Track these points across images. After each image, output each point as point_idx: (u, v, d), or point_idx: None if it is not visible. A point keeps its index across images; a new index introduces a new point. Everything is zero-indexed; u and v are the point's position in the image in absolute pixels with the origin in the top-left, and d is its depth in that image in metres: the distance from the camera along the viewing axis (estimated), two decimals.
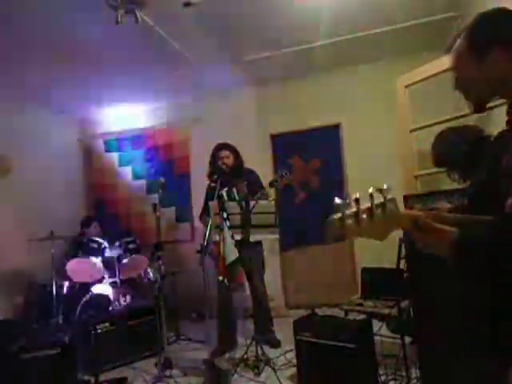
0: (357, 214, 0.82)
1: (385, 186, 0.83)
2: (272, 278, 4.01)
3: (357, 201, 0.82)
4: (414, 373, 2.37)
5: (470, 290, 1.91)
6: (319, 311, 2.80)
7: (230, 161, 3.43)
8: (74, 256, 3.93)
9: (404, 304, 2.53)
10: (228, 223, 2.81)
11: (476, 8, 3.03)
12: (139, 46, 3.56)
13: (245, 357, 2.98)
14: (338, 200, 0.83)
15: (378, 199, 0.83)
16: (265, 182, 3.62)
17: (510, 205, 0.89)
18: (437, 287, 2.04)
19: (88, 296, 3.60)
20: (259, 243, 3.41)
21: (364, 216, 0.82)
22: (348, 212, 0.82)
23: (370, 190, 0.82)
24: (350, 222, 0.82)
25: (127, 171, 5.30)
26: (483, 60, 0.97)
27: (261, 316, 3.29)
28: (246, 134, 4.60)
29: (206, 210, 3.43)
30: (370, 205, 0.82)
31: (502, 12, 1.00)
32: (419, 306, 2.19)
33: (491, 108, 2.67)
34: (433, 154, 2.05)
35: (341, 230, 0.83)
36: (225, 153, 3.44)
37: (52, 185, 4.76)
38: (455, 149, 1.90)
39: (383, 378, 2.48)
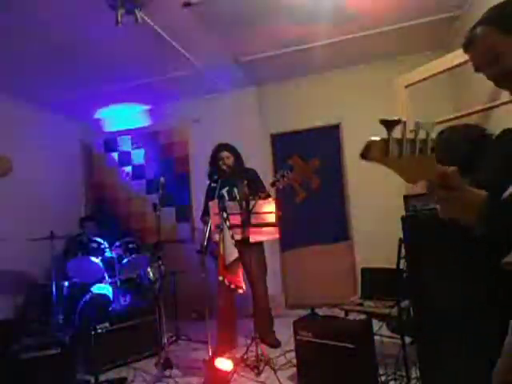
0: (401, 142, 0.74)
1: (430, 121, 0.76)
2: (272, 278, 4.01)
3: (404, 125, 0.74)
4: (414, 373, 2.37)
5: (469, 290, 1.91)
6: (319, 311, 2.79)
7: (230, 161, 3.43)
8: (74, 256, 3.93)
9: (404, 304, 2.53)
10: (228, 223, 2.81)
11: (476, 8, 3.03)
12: (139, 46, 3.56)
13: (245, 357, 2.98)
14: (394, 118, 0.75)
15: (422, 135, 0.75)
16: (265, 182, 3.63)
17: None
18: (437, 287, 2.04)
19: (88, 296, 3.60)
20: (260, 243, 3.41)
21: (407, 147, 0.74)
22: (394, 136, 0.74)
23: (417, 120, 0.75)
24: (393, 147, 0.74)
25: (127, 171, 5.30)
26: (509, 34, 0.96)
27: (261, 316, 3.29)
28: (246, 133, 4.59)
29: (206, 210, 3.43)
30: (413, 137, 0.74)
31: None
32: (419, 305, 2.19)
33: (491, 108, 2.68)
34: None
35: (381, 154, 0.75)
36: (225, 153, 3.44)
37: (52, 185, 4.76)
38: (456, 147, 1.89)
39: (383, 378, 2.48)
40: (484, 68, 1.05)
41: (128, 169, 5.29)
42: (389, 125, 0.73)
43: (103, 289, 3.72)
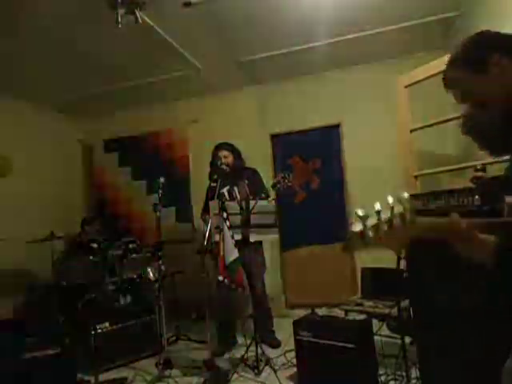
0: (377, 226, 0.81)
1: (405, 195, 0.82)
2: (272, 278, 4.02)
3: (378, 213, 0.81)
4: (414, 373, 2.37)
5: (469, 290, 1.91)
6: (319, 311, 2.79)
7: (229, 160, 3.43)
8: (74, 256, 3.93)
9: (404, 304, 2.53)
10: (228, 223, 2.81)
11: (476, 8, 3.03)
12: (139, 46, 3.56)
13: (245, 357, 2.98)
14: (360, 211, 0.82)
15: (397, 209, 0.81)
16: (264, 181, 3.63)
17: None
18: (436, 287, 2.04)
19: (88, 296, 3.60)
20: (259, 243, 3.41)
21: (384, 227, 0.81)
22: (369, 224, 0.81)
23: (390, 201, 0.81)
24: (370, 233, 0.81)
25: (127, 171, 5.30)
26: (487, 71, 0.99)
27: (261, 316, 3.29)
28: (246, 133, 4.59)
29: (206, 208, 3.43)
30: (389, 216, 0.81)
31: (485, 33, 1.05)
32: (419, 305, 2.19)
33: None
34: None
35: (361, 243, 0.82)
36: (224, 152, 3.44)
37: (52, 185, 4.76)
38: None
39: (383, 378, 2.48)
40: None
41: (128, 169, 5.29)
42: (362, 218, 0.81)
43: (104, 288, 3.72)
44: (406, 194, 0.82)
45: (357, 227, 0.82)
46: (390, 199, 0.81)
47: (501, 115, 1.02)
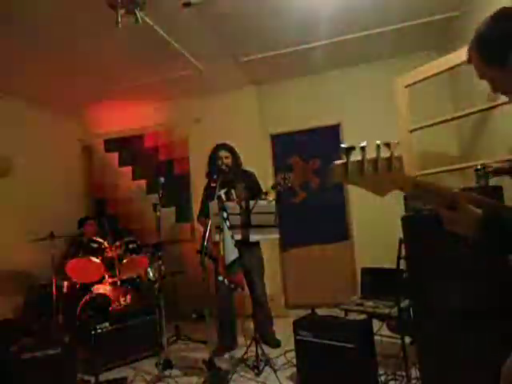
0: (361, 163, 0.81)
1: (394, 141, 0.82)
2: (272, 278, 4.02)
3: (363, 149, 0.81)
4: (414, 373, 2.37)
5: (469, 290, 1.91)
6: (319, 311, 2.79)
7: (228, 161, 3.43)
8: (74, 256, 3.93)
9: (404, 304, 2.53)
10: (228, 223, 2.81)
11: (476, 8, 3.03)
12: (139, 46, 3.56)
13: (245, 357, 2.98)
14: (343, 145, 0.82)
15: (385, 154, 0.81)
16: (265, 182, 3.63)
17: None
18: (437, 287, 2.04)
19: (88, 296, 3.60)
20: (258, 243, 3.41)
21: (368, 167, 0.81)
22: (352, 159, 0.81)
23: (378, 142, 0.81)
24: (353, 168, 0.81)
25: (127, 171, 5.30)
26: (505, 65, 0.99)
27: (261, 316, 3.29)
28: (246, 134, 4.59)
29: (203, 211, 3.43)
30: (375, 156, 0.81)
31: (504, 15, 1.01)
32: (419, 305, 2.19)
33: (491, 108, 2.68)
34: None
35: (342, 176, 0.81)
36: (224, 153, 3.44)
37: (52, 185, 4.76)
38: None
39: (383, 378, 2.48)
40: (498, 92, 1.10)
41: (128, 169, 5.29)
42: (347, 150, 0.81)
43: (103, 289, 3.72)
44: (395, 141, 0.83)
45: (340, 161, 0.82)
46: (378, 141, 0.81)
47: None
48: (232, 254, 2.80)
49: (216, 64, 4.09)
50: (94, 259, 3.80)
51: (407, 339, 2.55)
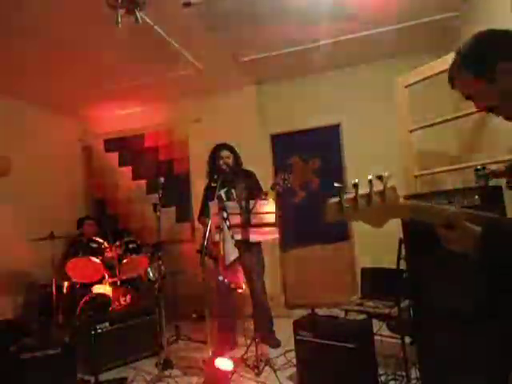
0: (355, 199, 0.83)
1: (385, 174, 0.84)
2: (272, 278, 4.01)
3: (355, 186, 0.84)
4: (414, 373, 2.37)
5: (469, 290, 1.91)
6: (319, 311, 2.79)
7: (229, 161, 3.43)
8: (74, 256, 3.93)
9: (404, 304, 2.53)
10: (228, 223, 2.81)
11: (476, 8, 3.03)
12: (139, 46, 3.56)
13: (245, 357, 2.98)
14: (337, 184, 0.84)
15: (378, 187, 0.84)
16: (265, 182, 3.63)
17: None
18: (437, 287, 2.04)
19: (88, 296, 3.60)
20: (258, 243, 3.41)
21: (362, 202, 0.83)
22: (346, 196, 0.84)
23: (370, 177, 0.83)
24: (347, 206, 0.83)
25: (127, 171, 5.30)
26: (493, 79, 0.99)
27: (261, 316, 3.29)
28: (246, 133, 4.59)
29: (204, 211, 3.43)
30: (368, 191, 0.83)
31: (490, 32, 1.02)
32: (419, 305, 2.19)
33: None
34: None
35: (338, 213, 0.84)
36: (225, 153, 3.44)
37: (52, 185, 4.76)
38: None
39: (383, 378, 2.49)
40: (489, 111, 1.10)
41: (128, 169, 5.29)
42: (339, 190, 0.84)
43: (103, 289, 3.72)
44: (386, 173, 0.84)
45: (334, 199, 0.84)
46: (370, 176, 0.84)
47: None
48: (232, 253, 2.80)
49: (216, 64, 4.08)
50: (94, 259, 3.80)
51: (407, 339, 2.55)
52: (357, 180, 0.84)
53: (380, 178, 0.84)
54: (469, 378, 1.84)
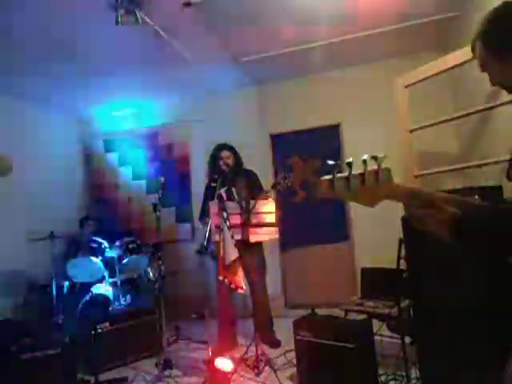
0: (348, 178, 0.82)
1: (380, 155, 0.84)
2: (272, 277, 4.01)
3: (349, 164, 0.82)
4: (414, 373, 2.37)
5: (469, 290, 1.91)
6: (319, 311, 2.79)
7: (230, 161, 3.43)
8: (74, 256, 3.93)
9: (404, 304, 2.53)
10: (228, 223, 2.81)
11: (476, 8, 3.03)
12: (139, 46, 3.56)
13: (245, 357, 2.98)
14: (330, 162, 0.83)
15: (373, 167, 0.83)
16: (265, 182, 3.63)
17: None
18: (437, 287, 2.04)
19: (88, 296, 3.60)
20: (259, 243, 3.41)
21: (356, 181, 0.82)
22: (339, 175, 0.82)
23: (364, 157, 0.82)
24: (339, 184, 0.82)
25: (127, 171, 5.30)
26: (507, 60, 0.99)
27: (260, 316, 3.29)
28: (246, 133, 4.60)
29: (205, 211, 3.43)
30: (362, 171, 0.82)
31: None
32: (419, 305, 2.19)
33: (491, 108, 2.68)
34: None
35: (329, 190, 0.82)
36: (225, 153, 3.44)
37: (52, 185, 4.76)
38: None
39: (383, 378, 2.48)
40: (494, 84, 1.09)
41: (128, 169, 5.29)
42: (332, 167, 0.83)
43: (103, 289, 3.72)
44: (381, 154, 0.84)
45: (327, 176, 0.83)
46: (365, 156, 0.82)
47: None
48: (232, 253, 2.80)
49: (216, 64, 4.09)
50: (94, 259, 3.80)
51: (407, 339, 2.55)
52: (351, 159, 0.83)
53: (375, 158, 0.83)
54: (469, 378, 1.84)
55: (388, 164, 0.87)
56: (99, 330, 3.16)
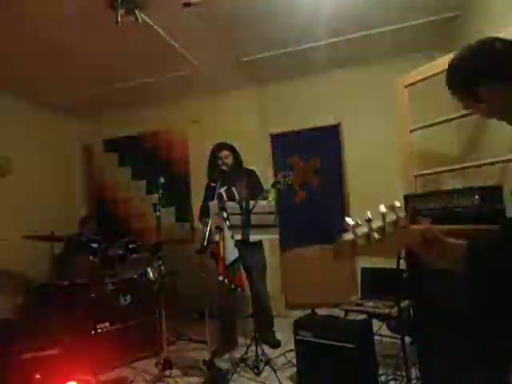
0: (368, 235, 0.81)
1: (397, 204, 0.81)
2: (272, 278, 4.01)
3: (368, 221, 0.81)
4: (414, 373, 2.37)
5: (468, 290, 1.91)
6: (319, 311, 2.79)
7: (229, 161, 3.44)
8: (74, 256, 3.93)
9: (404, 304, 2.53)
10: (228, 223, 2.81)
11: (476, 8, 3.03)
12: (139, 46, 3.56)
13: (245, 357, 2.98)
14: (348, 220, 0.81)
15: (390, 217, 0.81)
16: (265, 182, 3.63)
17: None
18: (437, 287, 2.04)
19: (88, 296, 3.60)
20: (260, 243, 3.41)
21: (375, 236, 0.80)
22: (359, 232, 0.81)
23: (382, 209, 0.80)
24: (361, 242, 0.81)
25: (127, 171, 5.30)
26: (479, 101, 1.02)
27: (261, 316, 3.29)
28: (246, 133, 4.59)
29: (205, 211, 3.43)
30: (382, 225, 0.80)
31: (483, 50, 1.02)
32: (419, 305, 2.19)
33: None
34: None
35: (352, 251, 0.81)
36: (225, 153, 3.44)
37: (52, 185, 4.76)
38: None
39: (383, 378, 2.49)
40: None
41: (128, 169, 5.28)
42: (352, 226, 0.81)
43: (103, 289, 3.71)
44: (397, 203, 0.82)
45: (347, 236, 0.81)
46: (382, 207, 0.81)
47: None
48: (232, 254, 2.80)
49: (216, 64, 4.08)
50: (94, 259, 3.80)
51: (407, 339, 2.55)
52: (369, 214, 0.81)
53: (392, 208, 0.81)
54: (469, 378, 1.84)
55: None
56: (99, 330, 3.16)
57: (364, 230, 0.81)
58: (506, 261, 0.87)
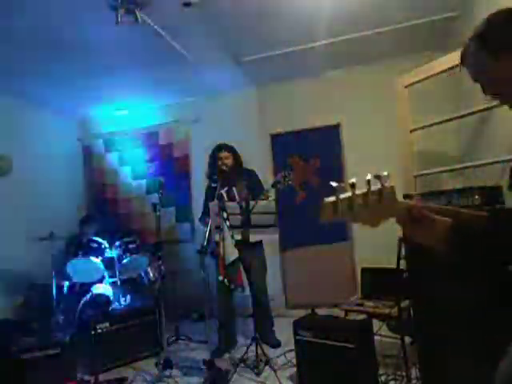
0: (351, 199, 0.82)
1: (384, 173, 0.83)
2: (272, 278, 4.01)
3: (352, 186, 0.82)
4: (414, 373, 2.37)
5: (469, 290, 1.91)
6: (319, 311, 2.79)
7: (229, 161, 3.44)
8: (74, 256, 3.93)
9: (404, 304, 2.53)
10: (228, 223, 2.81)
11: (476, 8, 3.03)
12: (139, 46, 3.56)
13: (245, 357, 2.98)
14: (334, 183, 0.82)
15: (376, 186, 0.82)
16: (265, 182, 3.63)
17: None
18: (437, 287, 2.04)
19: (88, 296, 3.60)
20: (260, 243, 3.41)
21: (359, 201, 0.82)
22: (342, 196, 0.82)
23: (368, 177, 0.82)
24: (343, 205, 0.81)
25: (127, 171, 5.30)
26: (497, 59, 0.98)
27: (261, 316, 3.29)
28: (246, 133, 4.59)
29: (205, 211, 3.43)
30: (365, 191, 0.82)
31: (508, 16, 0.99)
32: (419, 305, 2.19)
33: (491, 108, 2.68)
34: None
35: (333, 213, 0.82)
36: (224, 153, 3.44)
37: (52, 185, 4.76)
38: None
39: (383, 378, 2.49)
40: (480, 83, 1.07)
41: (128, 169, 5.29)
42: (336, 190, 0.82)
43: (103, 289, 3.72)
44: (385, 173, 0.83)
45: (330, 198, 0.82)
46: (369, 175, 0.82)
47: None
48: (232, 254, 2.80)
49: (216, 64, 4.08)
50: (94, 259, 3.80)
51: (407, 339, 2.55)
52: (354, 179, 0.83)
53: (378, 177, 0.83)
54: (469, 378, 1.84)
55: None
56: (99, 330, 3.16)
57: (348, 194, 0.81)
58: (490, 249, 0.88)
